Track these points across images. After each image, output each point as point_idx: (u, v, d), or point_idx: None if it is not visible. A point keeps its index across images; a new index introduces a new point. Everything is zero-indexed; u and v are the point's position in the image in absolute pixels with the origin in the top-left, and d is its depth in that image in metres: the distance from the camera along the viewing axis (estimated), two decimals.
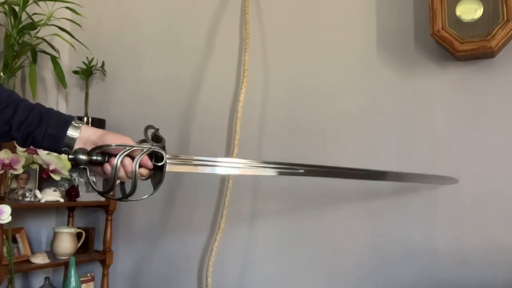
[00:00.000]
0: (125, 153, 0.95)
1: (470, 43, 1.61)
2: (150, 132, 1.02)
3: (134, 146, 0.96)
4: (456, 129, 1.72)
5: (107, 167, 0.96)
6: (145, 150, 0.96)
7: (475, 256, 1.66)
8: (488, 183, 1.66)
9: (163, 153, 0.98)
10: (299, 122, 1.98)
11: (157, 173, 1.00)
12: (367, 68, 1.89)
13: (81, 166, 0.95)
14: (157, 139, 1.01)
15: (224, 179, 2.07)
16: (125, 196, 0.99)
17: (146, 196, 1.01)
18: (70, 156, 0.94)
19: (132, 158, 0.96)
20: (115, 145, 0.95)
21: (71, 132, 0.97)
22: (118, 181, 0.98)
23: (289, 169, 1.20)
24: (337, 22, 1.97)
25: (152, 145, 0.98)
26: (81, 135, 0.97)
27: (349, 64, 1.93)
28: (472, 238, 1.67)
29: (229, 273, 2.03)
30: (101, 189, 1.13)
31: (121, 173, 0.96)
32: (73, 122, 0.98)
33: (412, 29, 1.83)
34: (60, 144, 0.97)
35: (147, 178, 1.02)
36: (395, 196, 1.79)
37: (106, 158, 0.96)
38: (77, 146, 0.97)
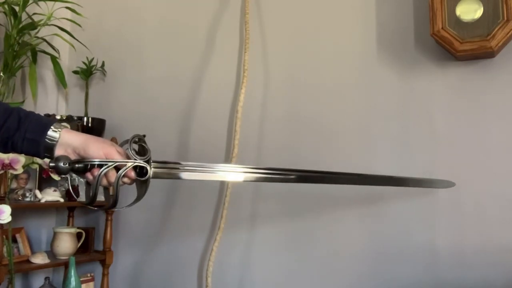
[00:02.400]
0: (107, 169, 0.93)
1: (470, 43, 1.60)
2: (136, 139, 1.00)
3: (116, 162, 0.94)
4: (456, 129, 1.72)
5: (89, 176, 0.95)
6: (128, 165, 0.95)
7: (475, 257, 1.66)
8: (488, 183, 1.66)
9: (148, 168, 0.97)
10: (299, 122, 1.98)
11: (142, 180, 0.99)
12: (367, 68, 1.89)
13: (63, 175, 0.94)
14: (142, 150, 0.99)
15: None
16: (107, 208, 0.99)
17: (125, 207, 1.00)
18: (51, 164, 0.92)
19: (116, 168, 0.95)
20: (99, 161, 0.93)
21: (50, 137, 0.94)
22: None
23: (279, 174, 1.16)
24: (337, 22, 1.97)
25: (135, 159, 0.96)
26: (62, 140, 0.95)
27: (349, 64, 1.92)
28: (472, 239, 1.67)
29: (229, 273, 2.03)
30: (82, 196, 1.11)
31: (104, 182, 0.95)
32: (52, 127, 0.95)
33: (412, 29, 1.82)
34: (40, 149, 0.94)
35: (131, 183, 1.00)
36: (395, 196, 1.79)
37: (89, 166, 0.94)
38: (57, 151, 0.95)
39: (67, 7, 2.19)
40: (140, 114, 2.29)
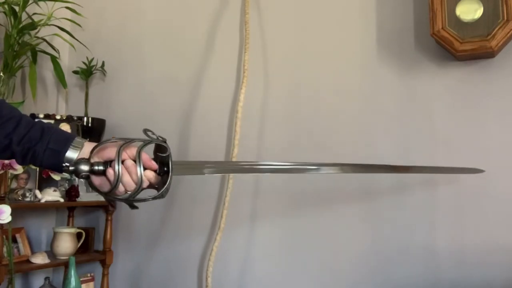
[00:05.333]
0: (125, 146, 0.93)
1: (470, 43, 1.61)
2: (149, 133, 1.01)
3: (134, 139, 0.94)
4: (456, 129, 1.72)
5: (110, 172, 0.93)
6: (146, 142, 0.94)
7: (474, 256, 1.66)
8: (488, 183, 1.66)
9: (166, 145, 0.96)
10: (299, 122, 1.98)
11: (165, 178, 0.98)
12: (367, 68, 1.89)
13: (83, 174, 0.93)
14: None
15: (224, 179, 2.07)
16: (132, 196, 0.96)
17: (151, 197, 0.99)
18: (71, 168, 0.92)
19: (135, 160, 0.94)
20: (115, 139, 0.94)
21: (72, 149, 0.95)
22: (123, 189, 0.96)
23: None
24: (337, 22, 1.97)
25: (151, 140, 0.96)
26: (82, 152, 0.95)
27: (349, 64, 1.92)
28: (472, 238, 1.67)
29: (229, 273, 2.03)
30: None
31: (126, 177, 0.93)
32: (76, 138, 0.96)
33: (412, 29, 1.83)
34: (60, 159, 0.94)
35: (156, 185, 0.99)
36: (395, 196, 1.79)
37: (108, 165, 0.93)
38: None
39: (67, 7, 2.19)
40: (140, 114, 2.29)
